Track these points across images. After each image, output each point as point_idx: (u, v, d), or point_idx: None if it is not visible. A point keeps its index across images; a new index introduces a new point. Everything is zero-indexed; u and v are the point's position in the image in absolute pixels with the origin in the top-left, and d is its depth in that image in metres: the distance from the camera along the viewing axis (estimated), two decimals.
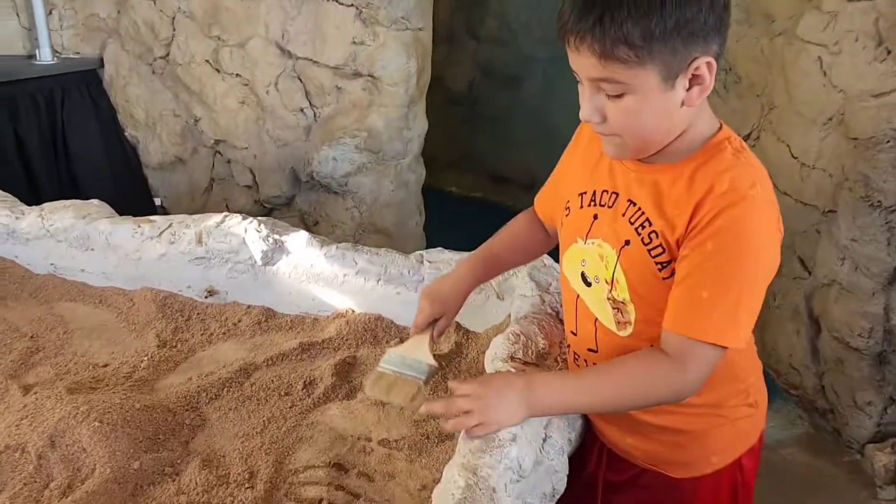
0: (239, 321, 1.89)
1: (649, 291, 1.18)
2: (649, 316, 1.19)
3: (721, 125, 1.18)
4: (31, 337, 1.83)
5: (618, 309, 1.23)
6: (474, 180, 4.80)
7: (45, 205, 2.07)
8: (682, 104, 1.08)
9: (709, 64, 1.05)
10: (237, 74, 3.19)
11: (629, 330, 1.23)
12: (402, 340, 1.80)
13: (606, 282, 1.24)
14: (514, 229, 1.51)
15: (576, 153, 1.36)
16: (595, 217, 1.25)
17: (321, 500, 1.34)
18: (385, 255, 1.82)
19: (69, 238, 1.99)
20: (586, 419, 1.41)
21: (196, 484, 1.37)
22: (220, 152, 3.43)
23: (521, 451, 1.20)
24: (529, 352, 1.44)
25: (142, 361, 1.73)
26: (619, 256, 1.20)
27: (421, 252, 1.83)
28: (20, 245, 2.03)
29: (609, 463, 1.42)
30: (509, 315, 1.65)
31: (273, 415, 1.56)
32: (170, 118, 3.48)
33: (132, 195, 3.62)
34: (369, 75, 2.96)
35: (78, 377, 1.66)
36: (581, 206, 1.28)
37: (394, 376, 1.39)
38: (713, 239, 1.08)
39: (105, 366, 1.73)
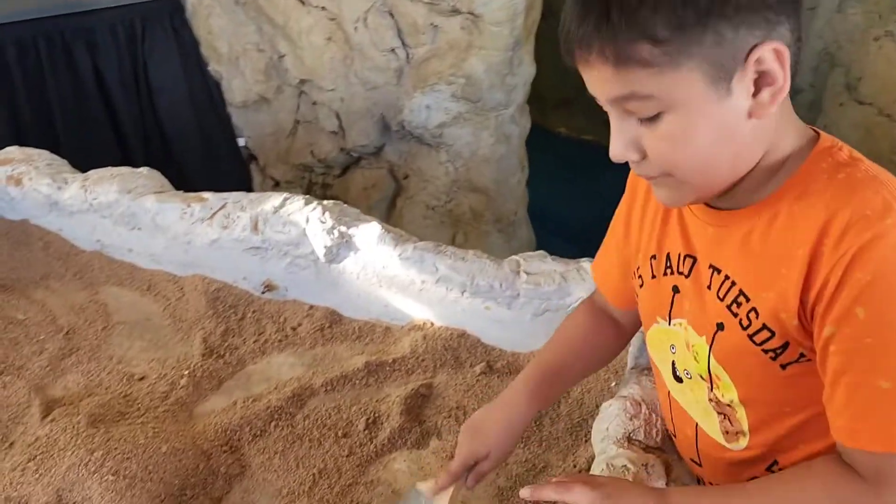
0: (299, 325, 1.60)
1: (764, 389, 0.82)
2: (769, 420, 0.84)
3: (818, 134, 0.79)
4: (67, 333, 1.60)
5: (724, 414, 0.88)
6: (586, 122, 4.34)
7: (91, 173, 1.81)
8: (750, 115, 0.73)
9: (777, 52, 0.71)
10: (323, 8, 2.84)
11: (743, 442, 0.88)
12: (489, 365, 1.47)
13: (703, 378, 0.88)
14: (573, 327, 1.12)
15: (635, 205, 0.98)
16: (675, 290, 0.89)
17: None
18: (472, 262, 1.47)
19: (114, 215, 1.73)
20: None
21: None
22: (305, 92, 3.13)
23: None
24: (654, 431, 1.07)
25: (182, 376, 1.46)
26: (711, 346, 0.84)
27: (518, 259, 1.47)
28: (64, 217, 1.80)
29: None
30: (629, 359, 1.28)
31: (326, 465, 1.27)
32: (253, 53, 3.18)
33: (215, 134, 3.39)
34: (469, 12, 2.55)
35: (108, 395, 1.41)
36: (654, 276, 0.92)
37: None
38: (861, 303, 0.70)
39: (141, 379, 1.48)
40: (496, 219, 2.96)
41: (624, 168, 0.86)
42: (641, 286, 0.95)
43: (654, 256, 0.92)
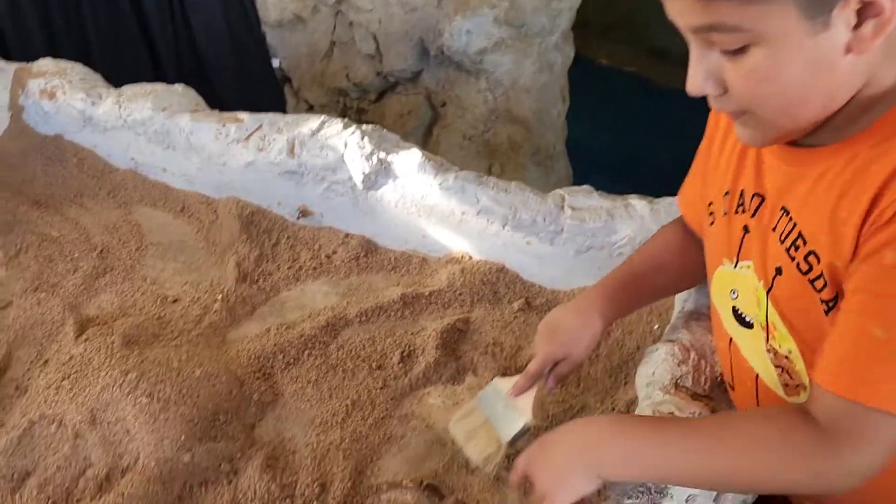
0: (334, 252, 1.56)
1: (820, 341, 0.75)
2: None
3: None
4: (101, 252, 1.58)
5: (781, 367, 0.84)
6: (630, 52, 4.16)
7: (124, 88, 1.76)
8: (848, 50, 0.66)
9: None
10: None
11: (804, 396, 0.83)
12: (528, 301, 1.43)
13: (762, 327, 0.83)
14: (661, 241, 1.09)
15: (715, 137, 0.92)
16: (745, 230, 0.84)
17: None
18: (515, 194, 1.41)
19: (148, 132, 1.69)
20: None
21: (255, 493, 1.09)
22: (342, 12, 3.02)
23: None
24: (702, 379, 1.03)
25: (216, 300, 1.44)
26: (769, 291, 0.80)
27: (562, 193, 1.41)
28: (98, 134, 1.76)
29: None
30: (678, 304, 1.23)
31: (360, 396, 1.25)
32: None
33: (249, 54, 3.31)
34: None
35: (142, 317, 1.40)
36: (725, 213, 0.87)
37: (482, 420, 1.07)
38: (893, 248, 0.66)
39: (175, 301, 1.46)
40: (534, 151, 2.87)
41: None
42: (712, 223, 0.90)
43: (727, 193, 0.87)
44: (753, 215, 0.83)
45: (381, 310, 1.41)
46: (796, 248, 0.76)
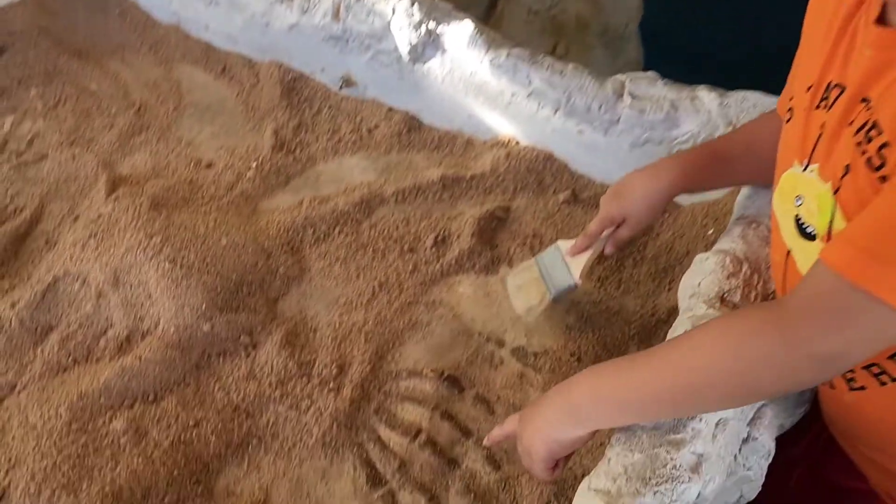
0: (376, 127, 1.48)
1: None
2: None
3: None
4: (139, 109, 1.53)
5: None
6: None
7: None
8: None
9: None
10: None
11: None
12: (574, 194, 1.34)
13: (822, 239, 0.73)
14: (756, 124, 0.99)
15: (807, 29, 0.81)
16: (822, 128, 0.73)
17: (419, 431, 1.01)
18: (571, 77, 1.29)
19: None
20: (812, 404, 0.95)
21: (272, 369, 1.07)
22: None
23: (706, 479, 0.78)
24: (752, 295, 0.94)
25: (250, 168, 1.39)
26: (836, 192, 0.69)
27: (623, 79, 1.28)
28: None
29: (828, 452, 0.98)
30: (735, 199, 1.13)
31: (388, 279, 1.20)
32: None
33: None
34: None
35: (173, 179, 1.36)
36: (806, 109, 0.76)
37: (535, 276, 1.09)
38: None
39: (209, 166, 1.41)
40: (602, 31, 2.68)
41: None
42: (789, 119, 0.80)
43: (811, 87, 0.75)
44: (830, 108, 0.72)
45: (419, 190, 1.34)
46: (869, 140, 0.66)
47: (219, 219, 1.26)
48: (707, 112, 1.20)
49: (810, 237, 0.77)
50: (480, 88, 1.38)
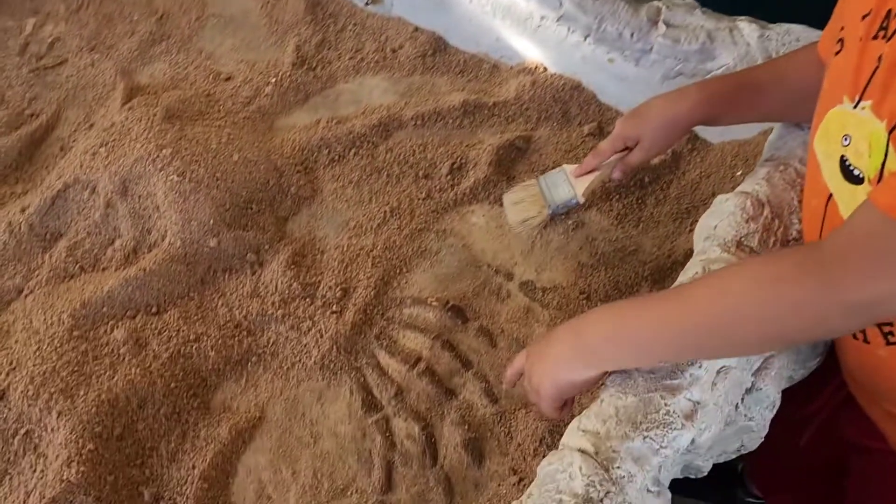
0: (400, 47, 1.43)
1: None
2: None
3: None
4: (161, 17, 1.50)
5: None
6: None
7: None
8: None
9: None
10: None
11: None
12: (600, 126, 1.29)
13: (870, 182, 0.67)
14: (791, 55, 0.92)
15: None
16: (879, 61, 0.66)
17: (418, 360, 0.99)
18: (604, 1, 1.22)
19: None
20: (827, 356, 0.91)
21: (276, 288, 1.06)
22: None
23: (701, 426, 0.75)
24: (771, 240, 0.90)
25: (269, 83, 1.36)
26: (892, 131, 0.62)
27: (659, 5, 1.21)
28: None
29: (844, 410, 0.95)
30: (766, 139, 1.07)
31: (400, 204, 1.18)
32: None
33: None
34: None
35: (191, 91, 1.33)
36: (860, 39, 0.68)
37: (535, 192, 1.06)
38: None
39: (227, 79, 1.38)
40: None
41: None
42: (839, 52, 0.73)
43: (867, 14, 0.69)
44: (889, 39, 0.65)
45: (439, 115, 1.30)
46: None
47: (233, 134, 1.23)
48: (745, 45, 1.13)
49: (857, 180, 0.71)
50: (509, 10, 1.32)
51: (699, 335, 0.68)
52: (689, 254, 1.08)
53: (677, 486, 0.77)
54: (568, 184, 1.03)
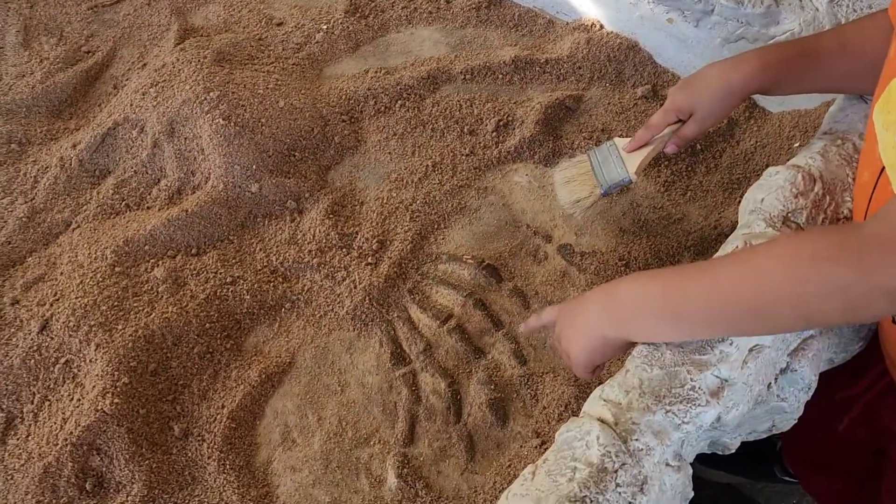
0: None
1: None
2: None
3: None
4: None
5: None
6: None
7: None
8: None
9: None
10: None
11: None
12: (654, 89, 1.25)
13: None
14: (859, 23, 0.85)
15: None
16: None
17: (450, 316, 0.99)
18: None
19: None
20: (872, 341, 0.88)
21: (314, 237, 1.07)
22: None
23: (727, 405, 0.74)
24: (820, 218, 0.86)
25: (320, 30, 1.35)
26: None
27: None
28: None
29: (886, 397, 0.92)
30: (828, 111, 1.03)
31: (443, 159, 1.16)
32: None
33: None
34: None
35: (242, 35, 1.33)
36: None
37: (586, 170, 1.01)
38: None
39: (279, 24, 1.38)
40: None
41: None
42: None
43: None
44: None
45: (489, 70, 1.27)
46: None
47: (280, 80, 1.23)
48: (814, 9, 1.07)
49: None
50: None
51: (732, 314, 0.66)
52: (736, 226, 1.05)
53: (709, 458, 0.75)
54: (620, 160, 0.99)
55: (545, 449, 0.86)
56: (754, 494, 1.41)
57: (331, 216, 1.09)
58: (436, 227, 1.09)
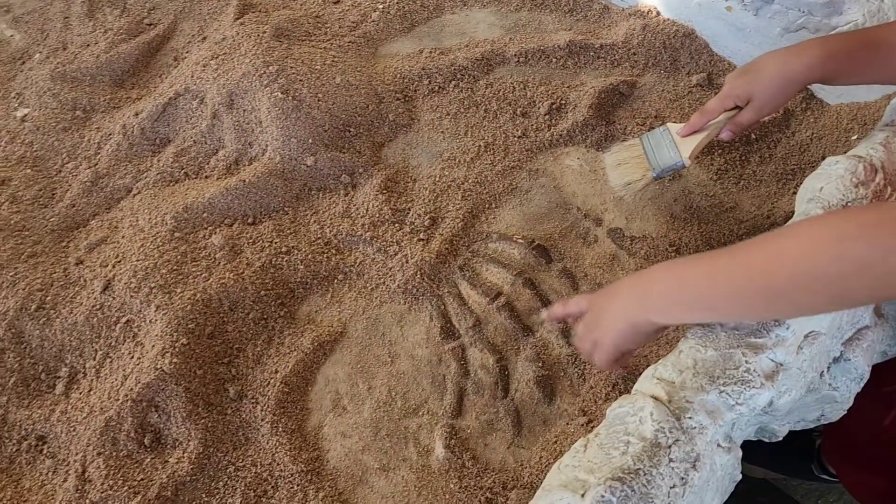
0: None
1: None
2: None
3: None
4: None
5: None
6: None
7: None
8: None
9: None
10: None
11: None
12: (709, 78, 1.24)
13: None
14: None
15: None
16: None
17: (499, 294, 1.00)
18: None
19: None
20: None
21: (367, 210, 1.09)
22: None
23: (781, 389, 0.74)
24: None
25: (376, 9, 1.37)
26: None
27: None
28: None
29: None
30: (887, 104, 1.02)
31: (495, 140, 1.17)
32: None
33: None
34: None
35: (300, 12, 1.35)
36: None
37: (638, 153, 1.02)
38: None
39: (336, 2, 1.40)
40: None
41: None
42: None
43: None
44: None
45: (543, 54, 1.28)
46: None
47: (337, 57, 1.25)
48: (878, 0, 1.06)
49: None
50: None
51: (761, 295, 0.65)
52: (789, 216, 1.04)
53: (745, 452, 0.76)
54: (673, 145, 0.99)
55: (591, 428, 0.87)
56: (790, 491, 1.41)
57: (384, 192, 1.10)
58: (487, 206, 1.10)
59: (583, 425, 0.89)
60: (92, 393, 0.92)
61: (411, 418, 0.91)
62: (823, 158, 1.12)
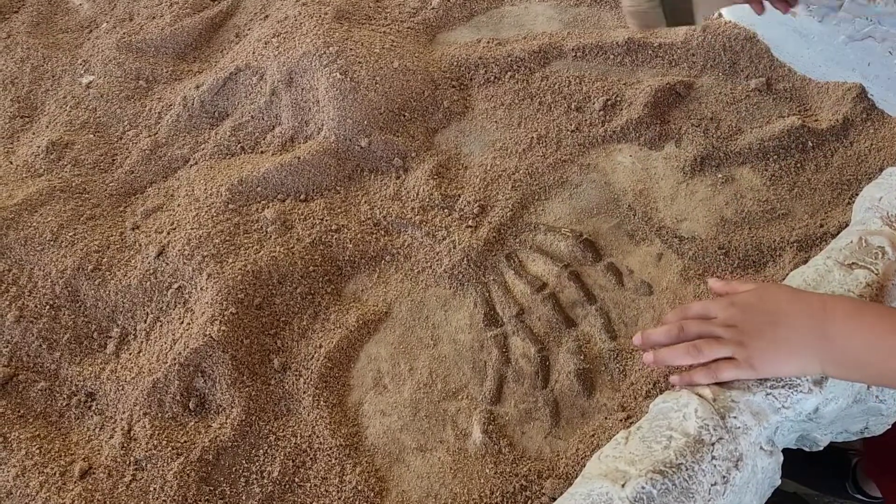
0: None
1: None
2: None
3: None
4: None
5: None
6: None
7: None
8: None
9: None
10: None
11: None
12: (768, 83, 1.23)
13: None
14: None
15: None
16: None
17: (544, 285, 1.01)
18: None
19: None
20: None
21: (417, 195, 1.10)
22: None
23: (828, 396, 0.74)
24: None
25: None
26: None
27: None
28: None
29: None
30: None
31: (548, 133, 1.17)
32: None
33: None
34: None
35: None
36: None
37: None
38: None
39: None
40: None
41: None
42: None
43: None
44: None
45: (601, 50, 1.27)
46: None
47: (395, 42, 1.26)
48: None
49: None
50: None
51: None
52: (843, 227, 1.03)
53: (782, 465, 0.75)
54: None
55: (630, 424, 0.87)
56: None
57: (435, 177, 1.11)
58: (536, 197, 1.11)
59: (621, 420, 0.89)
60: (141, 355, 0.95)
61: (450, 401, 0.92)
62: (881, 170, 1.11)
